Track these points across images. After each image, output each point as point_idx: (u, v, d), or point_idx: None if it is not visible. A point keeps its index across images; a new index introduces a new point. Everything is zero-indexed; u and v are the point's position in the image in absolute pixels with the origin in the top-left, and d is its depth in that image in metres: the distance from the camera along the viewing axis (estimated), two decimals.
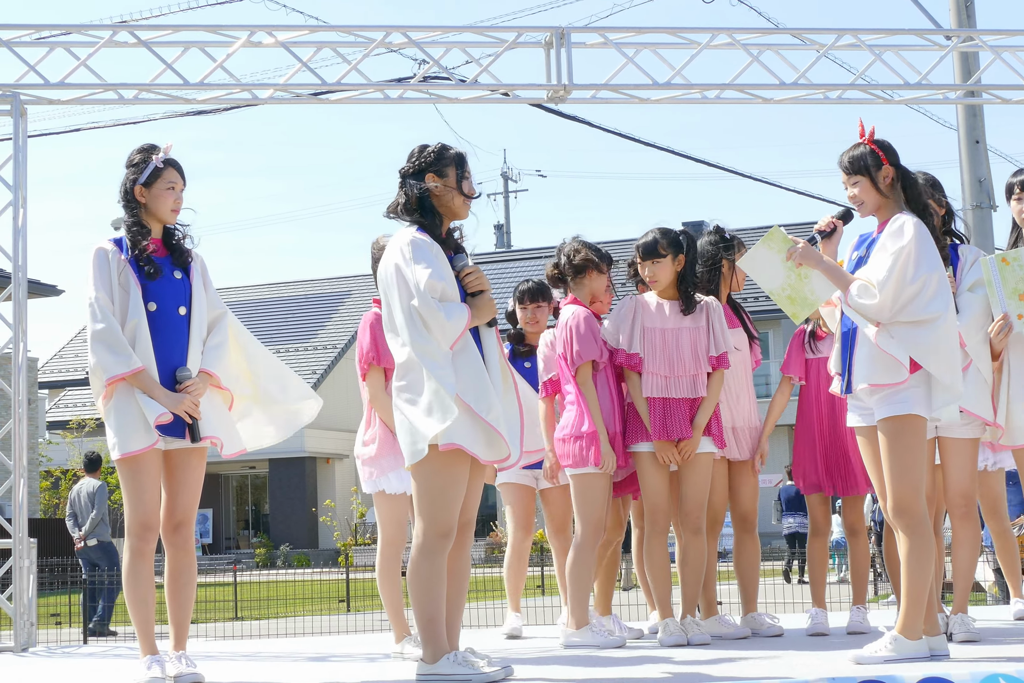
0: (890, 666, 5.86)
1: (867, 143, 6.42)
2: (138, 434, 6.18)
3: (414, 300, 5.85)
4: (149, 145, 6.56)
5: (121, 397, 6.24)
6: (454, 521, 5.95)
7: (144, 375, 6.22)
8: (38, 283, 34.19)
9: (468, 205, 6.22)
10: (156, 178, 6.45)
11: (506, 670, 5.91)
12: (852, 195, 6.44)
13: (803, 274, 6.45)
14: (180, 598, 6.37)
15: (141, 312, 6.27)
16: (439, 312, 5.84)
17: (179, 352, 6.35)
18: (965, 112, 16.05)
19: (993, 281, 6.86)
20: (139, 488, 6.22)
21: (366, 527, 41.92)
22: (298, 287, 55.57)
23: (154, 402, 6.17)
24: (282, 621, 17.62)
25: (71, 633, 15.75)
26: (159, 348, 6.29)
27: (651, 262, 7.53)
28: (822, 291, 6.46)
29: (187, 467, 6.39)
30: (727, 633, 7.62)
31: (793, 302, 6.52)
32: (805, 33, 9.93)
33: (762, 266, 6.55)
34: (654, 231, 7.59)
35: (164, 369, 6.29)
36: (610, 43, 9.68)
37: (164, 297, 6.35)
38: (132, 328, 6.25)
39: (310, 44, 9.65)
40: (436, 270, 5.92)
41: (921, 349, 6.12)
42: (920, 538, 6.16)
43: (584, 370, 7.51)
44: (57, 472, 36.96)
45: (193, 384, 6.28)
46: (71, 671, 7.23)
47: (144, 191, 6.46)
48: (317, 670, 7.01)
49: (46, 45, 9.36)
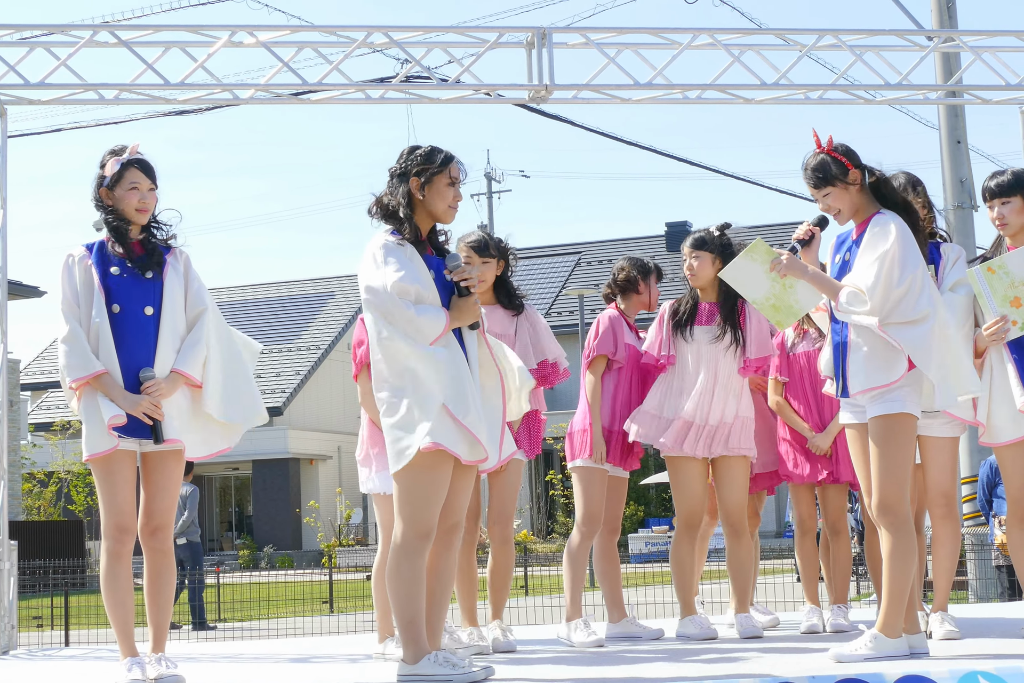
0: (870, 664, 5.87)
1: (827, 152, 6.40)
2: (102, 436, 6.20)
3: (383, 301, 5.87)
4: (120, 147, 6.57)
5: (88, 399, 6.27)
6: (434, 522, 5.94)
7: (106, 378, 6.23)
8: (20, 284, 34.13)
9: (454, 210, 6.21)
10: (119, 179, 6.45)
11: (487, 670, 5.90)
12: (826, 206, 6.44)
13: (787, 284, 6.48)
14: (159, 601, 6.35)
15: (104, 315, 6.28)
16: (407, 310, 5.84)
17: (145, 353, 6.33)
18: (947, 112, 16.08)
19: (983, 291, 6.88)
20: (111, 490, 6.22)
21: (350, 528, 41.92)
22: (282, 288, 55.51)
23: (112, 404, 6.19)
24: (264, 622, 17.61)
25: (52, 636, 15.72)
26: (123, 350, 6.29)
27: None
28: (807, 300, 6.51)
29: (163, 469, 6.37)
30: (644, 634, 7.80)
31: (778, 311, 6.56)
32: (787, 33, 9.93)
33: (744, 277, 6.58)
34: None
35: (129, 370, 6.29)
36: (592, 43, 9.68)
37: (129, 298, 6.35)
38: (95, 331, 6.27)
39: (291, 44, 9.63)
40: (409, 273, 5.92)
41: (913, 347, 6.13)
42: (903, 536, 6.18)
43: (596, 365, 7.86)
44: (40, 474, 36.85)
45: (154, 385, 6.26)
46: (52, 674, 7.21)
47: (109, 193, 6.47)
48: (299, 671, 7.00)
49: (26, 45, 9.33)
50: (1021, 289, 6.83)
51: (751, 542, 7.82)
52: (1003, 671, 5.44)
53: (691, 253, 7.75)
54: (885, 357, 6.21)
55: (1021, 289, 6.83)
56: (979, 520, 15.04)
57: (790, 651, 6.80)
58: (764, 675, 5.48)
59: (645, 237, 51.56)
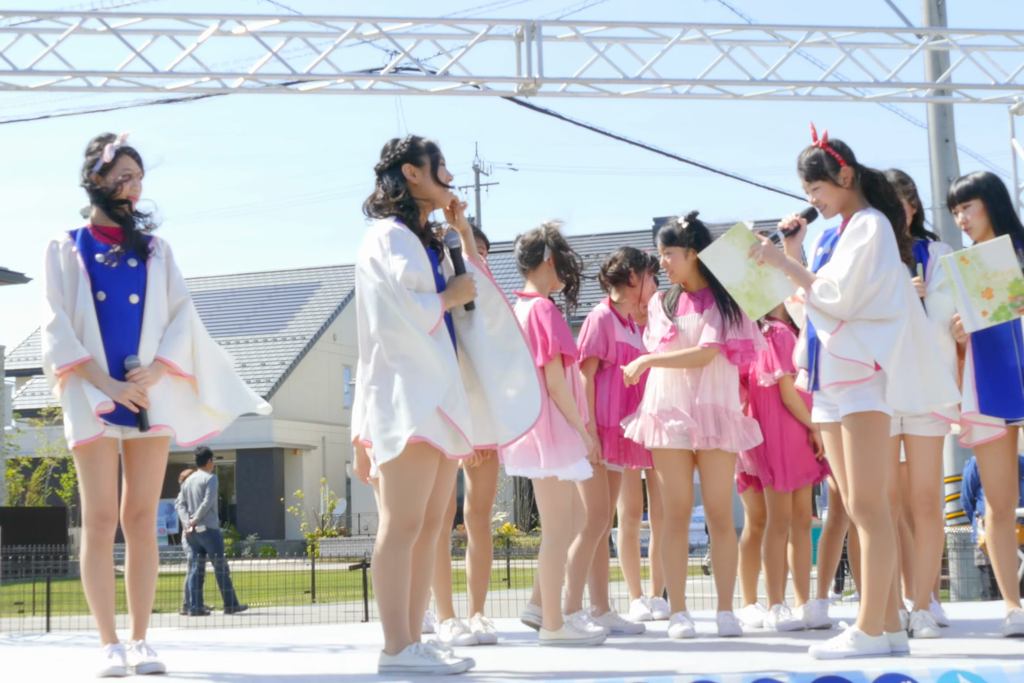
0: (850, 662, 5.87)
1: (821, 146, 6.42)
2: (88, 423, 6.18)
3: (389, 290, 5.86)
4: (107, 134, 6.55)
5: (72, 386, 6.24)
6: (420, 514, 5.95)
7: (91, 365, 6.21)
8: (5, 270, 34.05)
9: (447, 192, 6.23)
10: (113, 166, 6.44)
11: (467, 662, 5.91)
12: (815, 200, 6.45)
13: (764, 272, 6.46)
14: (140, 589, 6.34)
15: (89, 302, 6.26)
16: (415, 303, 5.85)
17: (129, 341, 6.32)
18: (935, 111, 16.09)
19: (955, 280, 6.88)
20: (94, 477, 6.21)
21: (334, 519, 41.91)
22: (267, 277, 55.44)
23: (98, 391, 6.17)
24: (246, 611, 17.61)
25: (34, 622, 15.72)
26: (108, 337, 6.28)
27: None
28: (781, 290, 6.48)
29: (146, 456, 6.37)
30: (626, 629, 7.86)
31: (751, 299, 6.53)
32: (776, 29, 9.95)
33: (723, 260, 6.55)
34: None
35: (114, 358, 6.27)
36: (581, 37, 9.69)
37: (114, 286, 6.33)
38: (80, 318, 6.25)
39: (280, 34, 9.63)
40: (413, 261, 5.93)
41: (880, 346, 6.13)
42: (880, 534, 6.18)
43: (588, 366, 7.89)
44: (25, 461, 36.77)
45: (140, 372, 6.25)
46: (33, 659, 7.21)
47: (100, 179, 6.45)
48: (279, 660, 7.01)
49: (15, 31, 9.31)
50: (993, 280, 6.83)
51: (735, 538, 7.76)
52: (983, 671, 5.45)
53: (663, 250, 7.68)
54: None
55: (993, 280, 6.83)
56: (961, 519, 15.07)
57: (771, 648, 6.82)
58: (745, 672, 5.48)
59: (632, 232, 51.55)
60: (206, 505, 18.29)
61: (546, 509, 7.10)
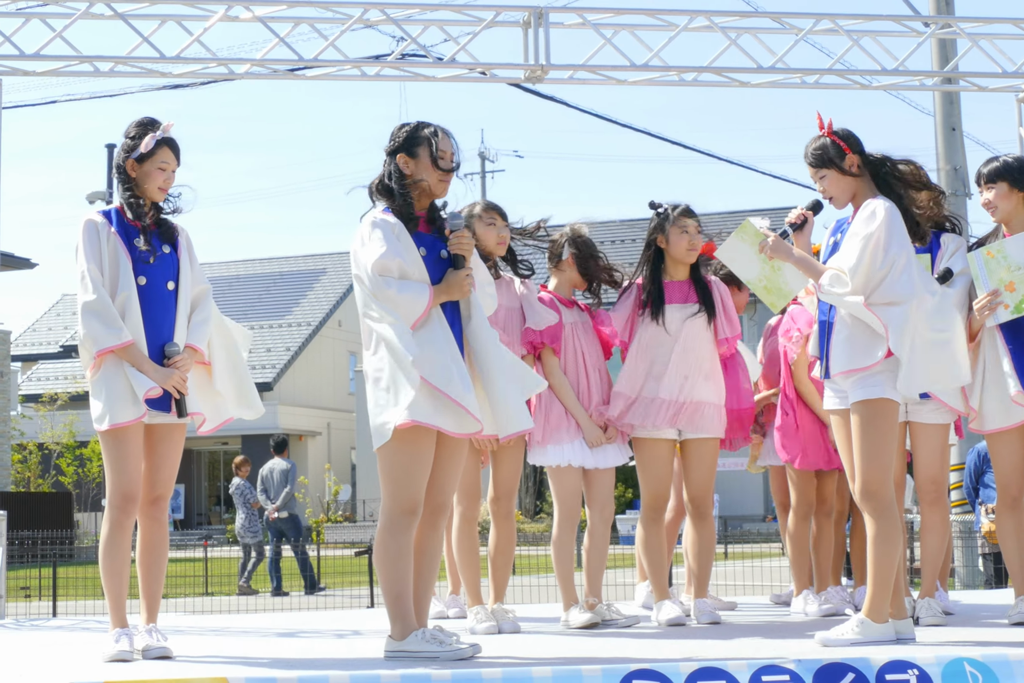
0: (856, 649, 5.88)
1: (827, 135, 6.43)
2: (126, 406, 6.16)
3: (364, 279, 5.94)
4: (149, 119, 6.50)
5: (109, 369, 6.21)
6: (419, 497, 5.96)
7: (133, 349, 6.20)
8: (12, 256, 34.03)
9: (445, 182, 6.20)
10: (150, 156, 6.41)
11: (474, 647, 5.92)
12: (822, 189, 6.48)
13: (776, 266, 6.62)
14: (153, 571, 6.37)
15: (132, 286, 6.25)
16: (388, 288, 5.88)
17: (167, 327, 6.34)
18: (942, 99, 16.06)
19: (980, 274, 6.94)
20: (123, 460, 6.21)
21: (339, 505, 41.96)
22: (274, 263, 55.47)
23: (143, 376, 6.16)
24: (252, 596, 17.65)
25: (40, 607, 15.75)
26: (148, 322, 6.28)
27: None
28: (795, 282, 6.63)
29: (169, 441, 6.40)
30: (622, 620, 7.71)
31: (770, 292, 6.71)
32: (783, 17, 9.94)
33: (738, 257, 6.72)
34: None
35: (152, 343, 6.28)
36: (588, 24, 9.68)
37: (153, 272, 6.34)
38: (122, 301, 6.23)
39: (288, 19, 9.62)
40: (391, 248, 5.94)
41: (891, 325, 6.13)
42: (887, 521, 6.19)
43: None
44: (31, 445, 36.82)
45: (182, 359, 6.28)
46: (40, 643, 7.22)
47: (136, 166, 6.43)
48: (286, 645, 7.01)
49: (22, 16, 9.30)
50: (1017, 274, 6.88)
51: (714, 525, 7.72)
52: (989, 658, 5.45)
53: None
54: (866, 340, 6.22)
55: (1017, 274, 6.88)
56: (965, 508, 15.06)
57: (777, 635, 6.83)
58: (750, 658, 5.49)
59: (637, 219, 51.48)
60: (288, 492, 19.24)
61: (553, 495, 7.23)
